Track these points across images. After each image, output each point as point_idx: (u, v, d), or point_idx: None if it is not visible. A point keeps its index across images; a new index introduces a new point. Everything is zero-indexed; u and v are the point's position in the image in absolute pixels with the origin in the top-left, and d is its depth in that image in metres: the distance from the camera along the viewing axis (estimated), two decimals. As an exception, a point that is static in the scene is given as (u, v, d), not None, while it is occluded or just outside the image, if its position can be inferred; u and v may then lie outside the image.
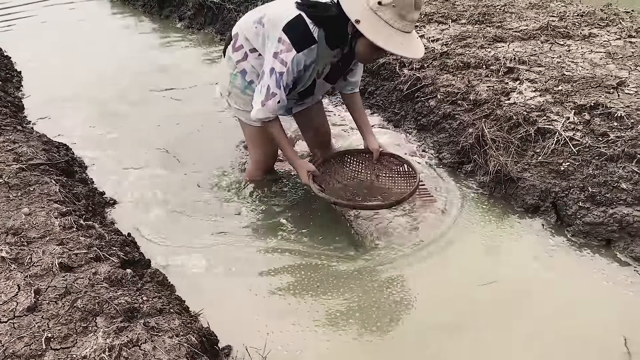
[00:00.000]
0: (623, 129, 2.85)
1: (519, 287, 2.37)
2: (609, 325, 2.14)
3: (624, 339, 2.07)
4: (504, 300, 2.31)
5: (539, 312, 2.24)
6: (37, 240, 2.22)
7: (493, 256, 2.58)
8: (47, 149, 3.18)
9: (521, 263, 2.52)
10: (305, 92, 2.78)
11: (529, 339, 2.11)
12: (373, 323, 2.22)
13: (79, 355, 1.70)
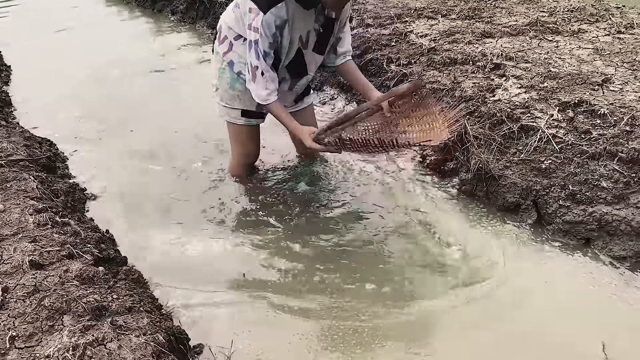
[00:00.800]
0: (606, 126, 2.82)
1: (494, 288, 2.35)
2: (587, 328, 2.12)
3: (602, 344, 2.04)
4: (478, 300, 2.29)
5: (513, 313, 2.22)
6: (10, 238, 2.21)
7: (469, 256, 2.55)
8: (28, 145, 3.17)
9: (497, 262, 2.50)
10: (296, 65, 2.63)
11: (501, 341, 2.10)
12: (340, 326, 2.21)
13: (43, 354, 1.69)
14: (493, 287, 2.36)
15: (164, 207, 2.98)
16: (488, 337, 2.12)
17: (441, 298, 2.31)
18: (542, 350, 2.04)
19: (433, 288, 2.37)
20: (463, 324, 2.18)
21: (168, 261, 2.62)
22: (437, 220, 2.79)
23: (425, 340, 2.12)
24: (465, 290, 2.34)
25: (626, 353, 2.01)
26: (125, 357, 1.73)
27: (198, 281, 2.47)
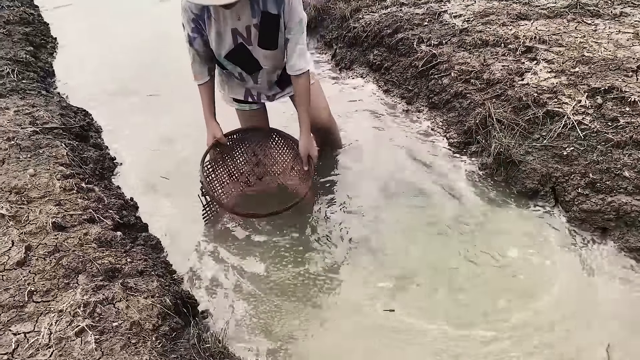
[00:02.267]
0: (635, 114, 2.73)
1: (506, 272, 2.35)
2: (593, 323, 2.09)
3: (607, 344, 2.01)
4: (486, 282, 2.30)
5: (521, 300, 2.22)
6: (37, 200, 2.34)
7: (484, 239, 2.54)
8: (64, 114, 3.31)
9: (512, 248, 2.48)
10: (244, 60, 2.53)
11: (505, 324, 2.11)
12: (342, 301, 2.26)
13: (57, 309, 1.81)
14: (504, 271, 2.35)
15: (191, 182, 3.01)
16: (496, 316, 2.13)
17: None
18: (542, 335, 2.04)
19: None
20: (464, 280, 2.25)
21: (188, 231, 2.70)
22: (461, 201, 2.78)
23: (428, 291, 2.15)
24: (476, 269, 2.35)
25: (628, 351, 1.98)
26: (132, 317, 1.83)
27: (215, 252, 2.55)
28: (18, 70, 3.89)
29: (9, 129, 2.89)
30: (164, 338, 1.80)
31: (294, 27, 2.39)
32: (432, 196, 2.85)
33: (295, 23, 2.38)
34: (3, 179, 2.46)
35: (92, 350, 1.68)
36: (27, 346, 1.68)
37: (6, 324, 1.75)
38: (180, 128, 3.54)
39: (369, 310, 2.21)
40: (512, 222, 2.64)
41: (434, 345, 2.05)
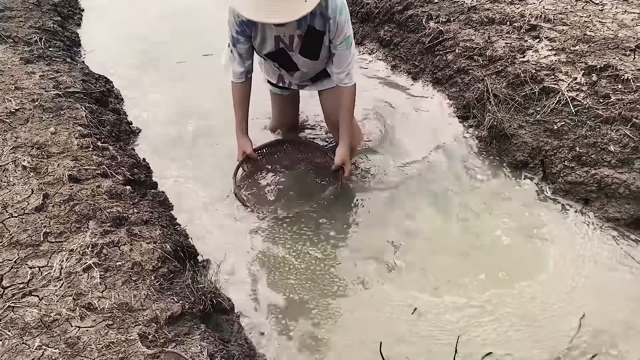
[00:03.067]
0: (627, 92, 2.81)
1: (486, 242, 2.47)
2: (570, 293, 2.20)
3: (582, 314, 2.11)
4: (468, 252, 2.43)
5: (500, 269, 2.34)
6: (56, 155, 2.56)
7: (471, 210, 2.67)
8: (86, 80, 3.53)
9: (497, 217, 2.61)
10: (284, 61, 2.65)
11: (483, 292, 2.25)
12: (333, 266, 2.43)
13: (68, 248, 2.03)
14: (484, 241, 2.49)
15: (203, 150, 3.20)
16: (476, 283, 2.28)
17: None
18: (520, 302, 2.18)
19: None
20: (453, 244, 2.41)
21: (195, 193, 2.87)
22: (454, 172, 2.92)
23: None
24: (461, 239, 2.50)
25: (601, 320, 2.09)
26: (134, 258, 2.03)
27: (220, 210, 2.73)
28: (45, 38, 4.12)
29: (34, 91, 3.11)
30: (162, 278, 2.00)
31: (341, 44, 2.48)
32: (431, 165, 2.97)
33: (341, 40, 2.46)
34: (27, 135, 2.68)
35: (96, 284, 1.88)
36: (41, 278, 1.89)
37: (23, 259, 1.97)
38: (199, 100, 3.69)
39: (362, 268, 2.38)
40: (499, 192, 2.76)
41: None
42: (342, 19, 2.39)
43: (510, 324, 2.08)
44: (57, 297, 1.83)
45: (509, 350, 1.99)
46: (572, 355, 1.96)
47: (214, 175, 2.98)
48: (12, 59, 3.59)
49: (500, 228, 2.53)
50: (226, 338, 1.97)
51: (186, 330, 1.83)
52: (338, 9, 2.36)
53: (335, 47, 2.50)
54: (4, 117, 2.81)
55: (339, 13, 2.37)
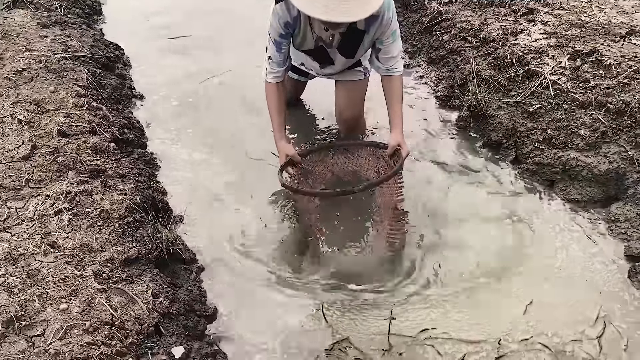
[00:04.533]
0: (607, 77, 2.82)
1: (453, 218, 2.55)
2: (521, 275, 2.26)
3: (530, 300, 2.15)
4: (436, 226, 2.52)
5: (458, 247, 2.42)
6: (50, 112, 2.76)
7: (439, 188, 2.74)
8: (94, 45, 3.73)
9: (464, 194, 2.67)
10: (320, 56, 2.67)
11: (439, 269, 2.35)
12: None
13: (44, 193, 2.23)
14: (452, 217, 2.57)
15: (202, 120, 3.32)
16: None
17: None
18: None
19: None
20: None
21: (182, 156, 3.01)
22: (430, 148, 2.99)
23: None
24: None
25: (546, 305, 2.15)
26: (103, 206, 2.22)
27: (203, 175, 2.87)
28: (66, 6, 4.33)
29: (42, 53, 3.33)
30: (126, 226, 2.18)
31: (387, 38, 2.46)
32: (409, 142, 3.03)
33: (388, 35, 2.44)
34: (28, 92, 2.89)
35: (64, 226, 2.07)
36: (16, 217, 2.10)
37: (4, 201, 2.18)
38: (210, 73, 3.79)
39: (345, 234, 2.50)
40: (467, 169, 2.83)
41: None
42: (390, 15, 2.38)
43: (453, 305, 2.16)
44: (27, 234, 2.03)
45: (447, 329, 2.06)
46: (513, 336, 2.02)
47: (206, 141, 3.12)
48: (30, 23, 3.82)
49: (460, 204, 2.60)
50: (179, 284, 2.13)
51: (139, 273, 2.00)
52: (386, 5, 2.32)
53: (381, 42, 2.49)
54: (11, 75, 3.03)
55: (386, 9, 2.34)
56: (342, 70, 2.80)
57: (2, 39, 3.48)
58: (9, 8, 3.99)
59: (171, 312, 1.91)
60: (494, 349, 1.97)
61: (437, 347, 1.97)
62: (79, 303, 1.78)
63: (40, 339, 1.64)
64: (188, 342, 1.85)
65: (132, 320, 1.78)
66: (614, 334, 2.02)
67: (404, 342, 1.98)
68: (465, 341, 2.00)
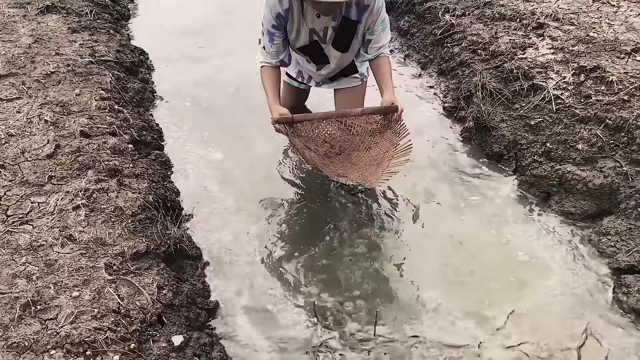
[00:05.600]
0: (608, 93, 2.89)
1: (449, 224, 2.66)
2: (507, 282, 2.36)
3: (512, 311, 2.23)
4: (430, 233, 2.63)
5: (454, 247, 2.54)
6: (75, 113, 2.96)
7: (435, 195, 2.84)
8: (120, 50, 3.93)
9: (463, 205, 2.77)
10: (315, 54, 2.73)
11: (427, 267, 2.46)
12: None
13: (65, 190, 2.41)
14: (447, 224, 2.67)
15: (218, 129, 3.43)
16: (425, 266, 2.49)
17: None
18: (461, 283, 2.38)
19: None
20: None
21: (197, 160, 3.16)
22: (433, 157, 3.09)
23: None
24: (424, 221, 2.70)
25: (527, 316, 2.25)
26: (118, 204, 2.39)
27: (214, 180, 3.02)
28: (96, 11, 4.56)
29: (71, 57, 3.54)
30: (138, 222, 2.34)
31: (378, 26, 2.53)
32: (414, 151, 3.12)
33: (379, 23, 2.52)
34: (55, 95, 3.09)
35: (81, 221, 2.25)
36: (38, 211, 2.28)
37: (28, 195, 2.36)
38: (229, 82, 3.95)
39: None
40: (469, 179, 2.92)
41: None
42: (380, 4, 2.43)
43: (437, 310, 2.27)
44: (47, 227, 2.21)
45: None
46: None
47: (219, 144, 3.28)
48: (61, 28, 4.04)
49: (458, 211, 2.70)
50: (184, 278, 2.28)
51: (146, 266, 2.16)
52: None
53: (372, 32, 2.58)
54: (40, 78, 3.24)
55: (376, 0, 2.41)
56: (338, 73, 2.86)
57: (35, 42, 3.70)
58: (43, 13, 4.23)
59: (174, 303, 2.06)
60: (474, 355, 2.07)
61: (420, 349, 2.08)
62: (89, 292, 1.94)
63: (53, 322, 1.81)
64: (188, 332, 1.99)
65: (137, 310, 1.93)
66: (595, 345, 2.10)
67: (389, 344, 2.10)
68: (447, 345, 2.10)
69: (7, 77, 3.21)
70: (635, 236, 2.35)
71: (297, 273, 2.42)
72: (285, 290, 2.34)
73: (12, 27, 3.91)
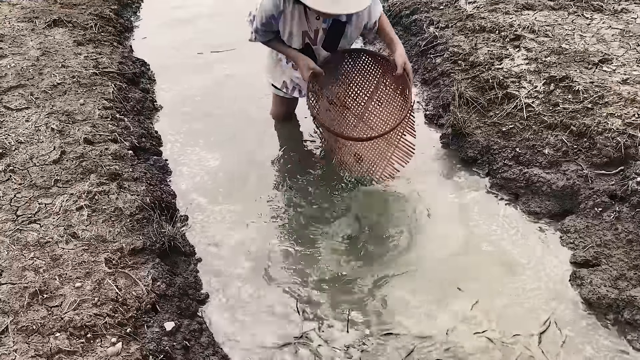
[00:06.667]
0: (574, 101, 3.10)
1: (422, 222, 2.88)
2: (467, 272, 2.58)
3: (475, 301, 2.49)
4: (404, 230, 2.84)
5: (425, 238, 2.76)
6: (79, 122, 3.19)
7: (413, 195, 3.06)
8: (122, 62, 4.17)
9: (439, 205, 2.98)
10: (305, 55, 2.91)
11: (400, 258, 2.67)
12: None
13: (69, 192, 2.64)
14: (421, 223, 2.89)
15: (214, 136, 3.64)
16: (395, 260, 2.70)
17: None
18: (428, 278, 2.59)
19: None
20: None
21: (192, 163, 3.41)
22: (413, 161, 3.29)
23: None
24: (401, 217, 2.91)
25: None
26: (118, 205, 2.61)
27: (208, 178, 3.26)
28: (100, 24, 4.81)
29: (76, 69, 3.78)
30: (135, 221, 2.56)
31: (370, 15, 2.82)
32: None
33: (370, 12, 2.79)
34: (61, 104, 3.33)
35: (83, 220, 2.48)
36: (44, 212, 2.51)
37: (36, 197, 2.59)
38: (223, 90, 4.19)
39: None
40: (445, 182, 3.13)
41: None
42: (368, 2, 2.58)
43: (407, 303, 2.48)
44: (53, 226, 2.43)
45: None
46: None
47: (215, 151, 3.50)
48: (67, 41, 4.29)
49: (432, 210, 2.91)
50: (177, 272, 2.50)
51: (143, 261, 2.38)
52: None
53: (369, 22, 2.84)
54: (48, 89, 3.48)
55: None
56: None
57: (43, 55, 3.95)
58: (50, 27, 4.48)
59: (167, 294, 2.28)
60: (442, 343, 2.27)
61: (392, 341, 2.27)
62: (91, 282, 2.17)
63: (58, 309, 2.03)
64: (179, 319, 2.21)
65: (133, 299, 2.15)
66: (554, 331, 2.29)
67: (362, 335, 2.30)
68: (417, 336, 2.29)
69: (16, 88, 3.46)
70: (591, 233, 2.55)
71: (282, 271, 2.62)
72: (270, 286, 2.55)
73: (21, 41, 4.16)
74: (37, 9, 4.85)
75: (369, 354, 2.23)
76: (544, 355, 2.19)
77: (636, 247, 2.40)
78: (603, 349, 2.20)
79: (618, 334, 2.23)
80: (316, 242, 2.78)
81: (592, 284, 2.33)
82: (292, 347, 2.27)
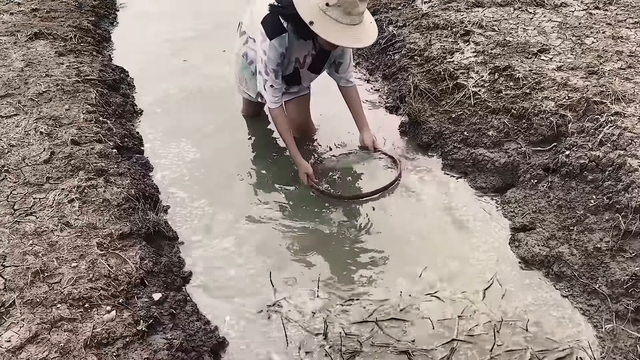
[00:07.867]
0: (515, 88, 3.44)
1: (384, 201, 3.20)
2: (424, 245, 2.92)
3: (424, 267, 2.84)
4: (367, 207, 3.16)
5: (380, 216, 3.08)
6: (65, 126, 3.46)
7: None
8: (102, 70, 4.44)
9: (395, 185, 3.31)
10: (292, 79, 3.22)
11: (350, 235, 2.99)
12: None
13: (61, 187, 2.91)
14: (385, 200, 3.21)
15: (192, 133, 3.94)
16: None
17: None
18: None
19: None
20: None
21: (173, 160, 3.70)
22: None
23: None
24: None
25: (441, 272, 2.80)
26: (106, 197, 2.89)
27: (188, 170, 3.55)
28: (79, 35, 5.06)
29: (59, 78, 4.04)
30: (122, 210, 2.85)
31: (346, 52, 3.16)
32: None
33: (347, 50, 3.13)
34: (48, 110, 3.59)
35: (75, 211, 2.75)
36: (39, 205, 2.78)
37: (31, 193, 2.86)
38: (201, 93, 4.49)
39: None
40: (404, 166, 3.46)
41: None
42: None
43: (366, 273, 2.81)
44: (48, 217, 2.71)
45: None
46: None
47: (194, 147, 3.79)
48: (49, 52, 4.54)
49: (392, 190, 3.24)
50: (162, 253, 2.79)
51: (131, 244, 2.67)
52: None
53: (342, 56, 3.14)
54: (34, 97, 3.74)
55: None
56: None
57: (27, 66, 4.21)
58: (32, 39, 4.73)
59: (154, 271, 2.57)
60: (397, 303, 2.58)
61: (355, 305, 2.58)
62: (85, 263, 2.45)
63: (58, 285, 2.31)
64: (166, 291, 2.50)
65: (124, 275, 2.44)
66: (496, 287, 2.63)
67: (328, 303, 2.60)
68: (379, 300, 2.61)
69: (5, 97, 3.71)
70: (528, 202, 2.90)
71: (258, 250, 2.92)
72: (248, 264, 2.84)
73: (5, 54, 4.40)
74: (17, 23, 5.08)
75: (334, 317, 2.54)
76: (486, 306, 2.52)
77: (565, 211, 2.75)
78: (537, 299, 2.54)
79: (549, 285, 2.57)
80: (287, 221, 3.09)
81: (528, 244, 2.68)
82: (265, 314, 2.57)
